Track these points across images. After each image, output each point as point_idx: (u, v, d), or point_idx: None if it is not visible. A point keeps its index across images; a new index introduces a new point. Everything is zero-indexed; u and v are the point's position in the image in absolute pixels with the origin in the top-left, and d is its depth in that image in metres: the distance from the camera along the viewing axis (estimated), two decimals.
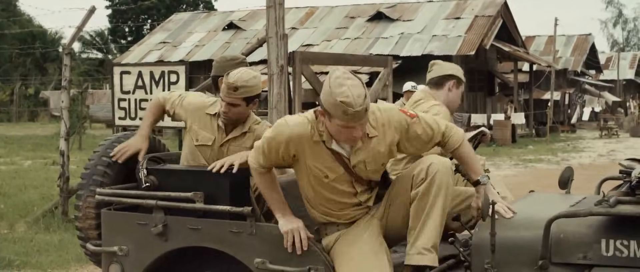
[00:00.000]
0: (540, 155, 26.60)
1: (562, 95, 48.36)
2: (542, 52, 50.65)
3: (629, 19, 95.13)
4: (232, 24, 42.76)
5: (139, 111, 12.61)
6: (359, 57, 18.69)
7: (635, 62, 73.53)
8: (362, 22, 39.74)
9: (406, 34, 37.33)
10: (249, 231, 4.61)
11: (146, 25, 64.50)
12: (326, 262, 4.49)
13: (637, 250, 3.59)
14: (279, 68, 10.59)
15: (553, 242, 3.73)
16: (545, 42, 52.73)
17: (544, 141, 34.63)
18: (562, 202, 4.53)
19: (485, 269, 3.84)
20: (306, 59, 10.76)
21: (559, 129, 41.96)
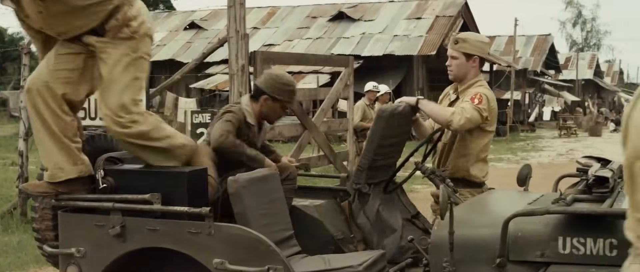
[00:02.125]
0: (500, 154, 26.76)
1: (522, 95, 48.73)
2: (502, 52, 51.00)
3: (587, 20, 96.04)
4: (193, 23, 42.70)
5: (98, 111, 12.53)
6: (321, 56, 18.73)
7: (594, 63, 74.34)
8: (324, 22, 39.83)
9: (367, 33, 37.47)
10: (207, 231, 4.60)
11: None
12: (285, 262, 4.49)
13: (593, 247, 3.62)
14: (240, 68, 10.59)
15: (510, 241, 3.75)
16: (506, 42, 53.12)
17: (504, 140, 34.84)
18: (520, 199, 4.56)
19: (444, 267, 3.85)
20: (267, 59, 10.73)
21: (518, 128, 42.27)
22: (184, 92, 35.88)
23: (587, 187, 4.23)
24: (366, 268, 4.76)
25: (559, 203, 3.86)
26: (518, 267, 3.77)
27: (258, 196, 4.99)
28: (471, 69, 5.77)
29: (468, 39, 5.83)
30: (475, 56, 5.75)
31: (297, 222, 5.46)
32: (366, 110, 14.15)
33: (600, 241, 3.62)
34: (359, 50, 35.39)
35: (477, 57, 5.75)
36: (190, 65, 12.99)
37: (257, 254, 4.51)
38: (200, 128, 14.95)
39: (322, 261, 4.98)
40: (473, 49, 5.75)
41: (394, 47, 35.65)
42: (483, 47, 5.84)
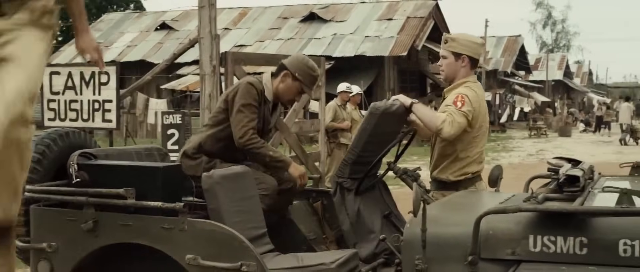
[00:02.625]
0: None
1: (493, 96, 48.96)
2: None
3: (557, 21, 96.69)
4: (164, 24, 42.58)
5: (68, 112, 12.48)
6: None
7: (564, 63, 74.84)
8: (295, 23, 39.84)
9: (339, 34, 37.51)
10: (181, 227, 4.60)
11: None
12: (258, 258, 4.50)
13: (564, 246, 3.64)
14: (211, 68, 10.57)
15: (482, 238, 3.77)
16: None
17: None
18: (491, 199, 4.59)
19: (416, 265, 3.87)
20: (238, 60, 10.71)
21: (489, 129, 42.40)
22: (155, 93, 35.77)
23: (558, 186, 4.26)
24: (339, 266, 4.78)
25: (531, 202, 3.88)
26: (489, 264, 3.79)
27: (232, 192, 4.99)
28: (461, 68, 5.73)
29: (457, 38, 5.81)
30: (464, 55, 5.69)
31: (270, 223, 5.46)
32: (338, 111, 14.14)
33: (571, 240, 3.64)
34: (330, 51, 35.42)
35: (466, 57, 5.69)
36: (161, 66, 12.97)
37: (231, 250, 4.51)
38: (171, 129, 14.91)
39: (295, 258, 4.99)
40: (462, 48, 5.71)
41: (365, 48, 35.71)
42: (473, 47, 5.77)
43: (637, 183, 4.69)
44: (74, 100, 12.50)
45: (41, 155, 5.24)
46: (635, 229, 3.55)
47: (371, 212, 5.84)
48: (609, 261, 3.56)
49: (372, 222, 5.79)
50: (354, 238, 5.75)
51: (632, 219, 3.57)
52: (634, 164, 5.12)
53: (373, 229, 5.72)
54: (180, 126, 14.98)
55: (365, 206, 5.82)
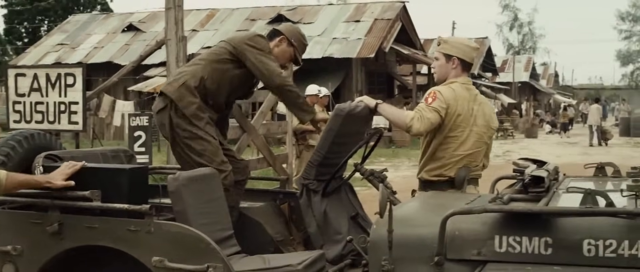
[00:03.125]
0: None
1: None
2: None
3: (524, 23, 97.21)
4: (131, 25, 42.37)
5: (34, 114, 12.41)
6: None
7: (530, 65, 75.29)
8: (263, 25, 39.73)
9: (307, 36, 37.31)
10: (147, 229, 4.58)
11: (43, 26, 63.09)
12: (224, 260, 4.50)
13: (529, 246, 3.67)
14: None
15: (448, 239, 3.78)
16: None
17: None
18: (457, 200, 4.61)
19: (383, 266, 3.88)
20: None
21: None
22: (122, 94, 35.57)
23: (523, 186, 4.28)
24: (305, 267, 4.78)
25: (496, 202, 3.91)
26: (455, 265, 3.81)
27: (198, 194, 4.98)
28: (451, 70, 5.71)
29: (449, 41, 5.82)
30: (454, 57, 5.69)
31: (237, 224, 5.46)
32: None
33: (536, 240, 3.67)
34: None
35: (456, 59, 5.68)
36: (128, 68, 12.91)
37: (197, 252, 4.51)
38: (138, 131, 14.87)
39: (262, 260, 4.99)
40: (453, 50, 5.71)
41: (333, 49, 35.72)
42: (464, 49, 5.73)
43: (601, 184, 4.74)
44: (40, 102, 12.43)
45: (6, 157, 5.20)
46: (599, 229, 3.58)
47: (338, 213, 5.84)
48: (573, 260, 3.59)
49: (339, 223, 5.79)
50: (320, 240, 5.75)
51: (596, 219, 3.60)
52: (598, 165, 5.16)
53: (340, 231, 5.72)
54: (147, 128, 14.93)
55: (331, 207, 5.82)
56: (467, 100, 5.64)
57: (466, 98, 5.64)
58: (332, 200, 5.86)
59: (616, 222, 3.58)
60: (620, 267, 3.51)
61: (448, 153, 5.61)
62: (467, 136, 5.62)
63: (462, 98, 5.61)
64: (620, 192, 3.81)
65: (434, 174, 5.67)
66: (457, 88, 5.63)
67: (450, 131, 5.58)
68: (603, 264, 3.54)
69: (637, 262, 3.50)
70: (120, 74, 13.06)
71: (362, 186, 12.96)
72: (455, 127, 5.58)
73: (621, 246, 3.53)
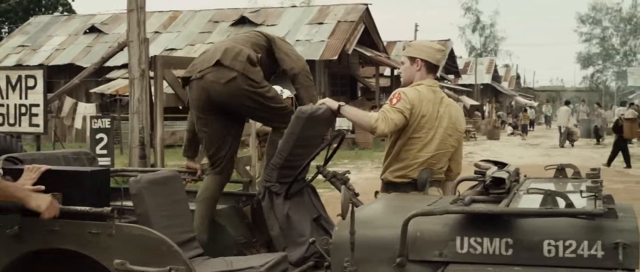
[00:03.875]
0: None
1: None
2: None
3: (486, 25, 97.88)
4: (93, 27, 42.10)
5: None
6: None
7: (492, 67, 75.74)
8: (226, 27, 39.71)
9: None
10: (108, 231, 4.56)
11: (4, 28, 62.49)
12: (187, 263, 4.48)
13: (490, 247, 3.69)
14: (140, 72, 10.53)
15: (410, 240, 3.80)
16: None
17: None
18: (419, 202, 4.62)
19: (345, 267, 3.88)
20: (168, 63, 10.68)
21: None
22: (84, 97, 35.34)
23: (484, 188, 4.31)
24: (268, 269, 4.79)
25: (457, 203, 3.93)
26: (417, 266, 3.82)
27: (160, 196, 4.96)
28: (416, 72, 5.72)
29: (413, 44, 5.90)
30: (418, 59, 5.70)
31: None
32: None
33: (497, 241, 3.69)
34: None
35: (420, 60, 5.69)
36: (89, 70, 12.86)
37: (159, 255, 4.49)
38: (100, 133, 14.78)
39: (224, 262, 4.99)
40: (417, 53, 5.73)
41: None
42: (428, 51, 5.75)
43: (561, 185, 4.77)
44: (0, 105, 12.34)
45: None
46: (559, 229, 3.62)
47: (300, 216, 5.84)
48: (533, 261, 3.62)
49: (302, 226, 5.78)
50: (283, 242, 5.74)
51: (556, 220, 3.63)
52: (558, 166, 5.21)
53: (303, 233, 5.72)
54: (108, 130, 14.86)
55: (294, 210, 5.81)
56: (433, 102, 5.65)
57: (431, 100, 5.65)
58: (295, 202, 5.85)
59: (576, 223, 3.61)
60: (580, 267, 3.54)
61: (412, 154, 5.62)
62: (432, 138, 5.62)
63: (427, 100, 5.61)
64: (580, 193, 3.85)
65: (397, 175, 5.67)
66: (423, 90, 5.64)
67: (414, 132, 5.58)
68: (563, 265, 3.57)
69: (596, 263, 3.54)
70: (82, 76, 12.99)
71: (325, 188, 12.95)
72: (420, 128, 5.58)
73: (581, 246, 3.56)
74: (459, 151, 5.94)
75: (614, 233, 3.56)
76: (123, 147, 24.85)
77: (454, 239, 3.76)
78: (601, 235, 3.56)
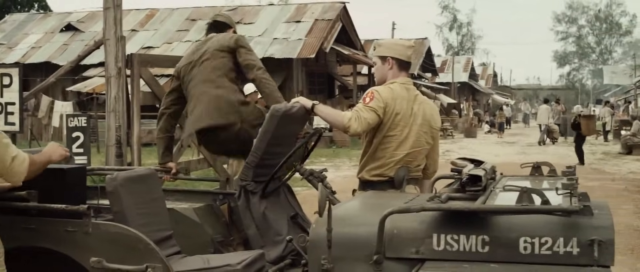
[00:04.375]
0: None
1: None
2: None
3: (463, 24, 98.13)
4: (70, 25, 41.89)
5: None
6: None
7: (469, 66, 75.94)
8: (203, 25, 39.44)
9: (247, 36, 37.28)
10: (85, 229, 4.54)
11: None
12: (164, 260, 4.48)
13: (466, 244, 3.70)
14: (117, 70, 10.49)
15: (387, 238, 3.80)
16: None
17: None
18: (396, 199, 4.63)
19: (322, 265, 3.88)
20: (144, 62, 10.64)
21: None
22: (61, 95, 35.18)
23: (461, 185, 4.32)
24: (245, 267, 4.77)
25: (434, 201, 3.94)
26: (394, 263, 3.83)
27: (137, 194, 4.95)
28: (388, 71, 5.76)
29: (382, 43, 5.90)
30: (389, 58, 5.74)
31: (176, 225, 5.43)
32: None
33: (473, 238, 3.70)
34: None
35: (391, 59, 5.73)
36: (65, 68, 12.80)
37: (136, 253, 4.48)
38: (76, 132, 14.71)
39: (201, 260, 4.97)
40: (387, 52, 5.77)
41: (273, 50, 35.68)
42: (398, 49, 5.79)
43: (537, 182, 4.80)
44: None
45: None
46: (534, 226, 3.63)
47: (277, 214, 5.83)
48: (510, 258, 3.63)
49: (278, 224, 5.77)
50: (260, 241, 5.73)
51: (532, 217, 3.65)
52: (534, 164, 5.23)
53: (279, 232, 5.71)
54: (85, 129, 14.79)
55: (270, 208, 5.80)
56: (407, 99, 5.67)
57: (405, 97, 5.67)
58: (271, 201, 5.85)
59: (551, 220, 3.63)
60: (556, 264, 3.56)
61: (388, 153, 5.63)
62: (407, 136, 5.64)
63: (401, 97, 5.63)
64: (555, 191, 3.88)
65: (374, 174, 5.68)
66: (396, 88, 5.66)
67: (389, 131, 5.59)
68: (539, 262, 3.58)
69: (571, 260, 3.56)
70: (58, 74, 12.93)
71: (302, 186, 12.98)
72: (394, 126, 5.59)
73: (556, 243, 3.58)
74: (436, 148, 5.96)
75: (590, 230, 3.57)
76: (100, 145, 24.75)
77: (431, 236, 3.77)
78: (577, 232, 3.58)
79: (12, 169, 4.41)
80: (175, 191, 6.27)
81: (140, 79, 10.46)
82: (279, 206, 5.91)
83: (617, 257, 5.25)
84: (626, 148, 28.59)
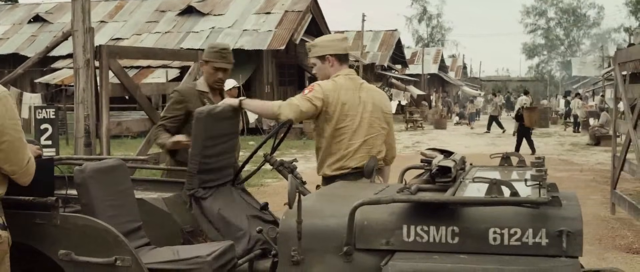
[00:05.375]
0: None
1: None
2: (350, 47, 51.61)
3: (433, 16, 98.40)
4: (38, 16, 41.63)
5: None
6: (169, 51, 18.54)
7: (439, 58, 76.26)
8: (173, 16, 39.50)
9: (217, 28, 37.35)
10: (53, 222, 4.51)
11: None
12: (133, 252, 4.45)
13: (436, 235, 3.71)
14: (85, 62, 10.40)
15: (357, 229, 3.81)
16: (354, 37, 53.85)
17: None
18: (366, 190, 4.64)
19: (292, 256, 3.89)
20: (113, 53, 10.57)
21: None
22: (29, 87, 34.96)
23: (431, 177, 4.34)
24: (214, 258, 4.75)
25: (404, 192, 3.94)
26: (364, 255, 3.83)
27: (105, 186, 4.91)
28: (329, 69, 5.84)
29: (316, 43, 5.97)
30: (327, 56, 5.82)
31: (146, 215, 5.39)
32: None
33: (443, 229, 3.71)
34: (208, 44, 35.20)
35: (330, 56, 5.81)
36: (33, 60, 12.66)
37: (105, 245, 4.45)
38: (45, 124, 14.61)
39: (171, 252, 4.94)
40: (323, 50, 5.85)
41: (243, 41, 35.63)
42: (332, 45, 5.87)
43: (506, 173, 4.83)
44: None
45: None
46: (504, 218, 3.65)
47: (233, 211, 5.70)
48: (479, 249, 3.65)
49: (238, 220, 5.65)
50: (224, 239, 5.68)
51: (501, 209, 3.67)
52: (503, 154, 5.26)
53: (240, 227, 5.62)
54: (53, 121, 14.69)
55: (225, 208, 5.67)
56: (352, 89, 5.77)
57: (351, 87, 5.77)
58: (224, 201, 5.74)
59: (520, 211, 3.65)
60: (525, 255, 3.58)
61: (343, 144, 5.69)
62: (359, 124, 5.72)
63: (346, 88, 5.73)
64: (524, 182, 3.89)
65: (334, 168, 5.73)
66: (340, 80, 5.76)
67: (339, 123, 5.68)
68: (508, 252, 3.60)
69: (540, 250, 3.58)
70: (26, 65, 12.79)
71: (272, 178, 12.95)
72: (344, 117, 5.68)
73: (525, 234, 3.60)
74: (391, 134, 6.07)
75: (558, 221, 3.60)
76: (69, 137, 24.58)
77: (401, 227, 3.78)
78: (545, 223, 3.60)
79: (28, 170, 4.39)
80: (144, 181, 6.24)
81: (109, 71, 10.39)
82: (234, 204, 5.83)
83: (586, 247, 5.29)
84: (594, 139, 28.79)
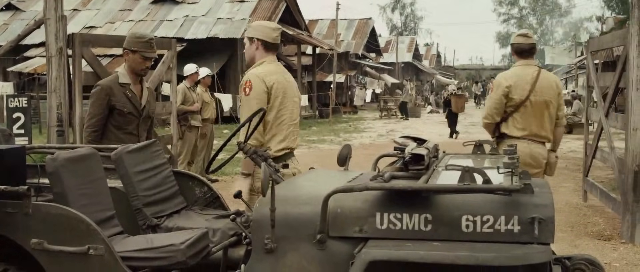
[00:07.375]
0: (324, 136, 27.16)
1: (346, 78, 49.55)
2: (324, 35, 51.73)
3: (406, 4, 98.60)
4: (10, 4, 41.24)
5: None
6: None
7: (413, 46, 76.41)
8: (147, 4, 39.26)
9: (191, 16, 37.16)
10: (25, 210, 4.49)
11: None
12: (106, 241, 4.44)
13: (409, 222, 3.72)
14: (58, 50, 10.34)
15: (330, 217, 3.81)
16: (328, 26, 53.89)
17: (327, 122, 35.40)
18: (340, 178, 4.65)
19: (265, 244, 3.89)
20: (86, 41, 10.50)
21: (341, 110, 43.00)
22: (1, 75, 34.71)
23: (404, 164, 4.35)
24: (188, 246, 4.74)
25: (377, 180, 3.96)
26: (338, 242, 3.84)
27: (78, 175, 4.89)
28: (255, 51, 6.11)
29: (252, 25, 6.21)
30: (255, 39, 6.06)
31: (119, 204, 5.38)
32: (187, 93, 13.95)
33: (416, 216, 3.73)
34: (182, 33, 35.07)
35: (257, 40, 6.05)
36: (5, 48, 12.57)
37: (77, 234, 4.43)
38: (17, 112, 14.52)
39: (145, 240, 4.93)
40: (254, 33, 6.08)
41: (217, 30, 35.50)
42: (264, 31, 6.08)
43: (479, 161, 4.85)
44: None
45: None
46: (476, 205, 3.67)
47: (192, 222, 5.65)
48: (452, 236, 3.67)
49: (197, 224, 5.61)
50: None
51: (473, 196, 3.69)
52: (476, 142, 5.28)
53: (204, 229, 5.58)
54: (26, 110, 14.61)
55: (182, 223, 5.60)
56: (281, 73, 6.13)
57: (279, 72, 6.11)
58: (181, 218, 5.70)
59: (493, 199, 3.67)
60: (497, 242, 3.60)
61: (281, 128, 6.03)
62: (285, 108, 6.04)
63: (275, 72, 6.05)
64: (497, 169, 3.91)
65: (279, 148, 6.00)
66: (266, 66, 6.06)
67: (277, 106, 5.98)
68: (481, 239, 3.62)
69: (513, 237, 3.60)
70: None
71: None
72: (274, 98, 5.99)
73: (498, 221, 3.62)
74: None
75: (530, 208, 3.62)
76: (42, 126, 24.45)
77: (374, 215, 3.79)
78: (517, 210, 3.62)
79: None
80: None
81: (82, 59, 10.34)
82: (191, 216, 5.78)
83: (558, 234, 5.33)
84: (567, 127, 28.97)
